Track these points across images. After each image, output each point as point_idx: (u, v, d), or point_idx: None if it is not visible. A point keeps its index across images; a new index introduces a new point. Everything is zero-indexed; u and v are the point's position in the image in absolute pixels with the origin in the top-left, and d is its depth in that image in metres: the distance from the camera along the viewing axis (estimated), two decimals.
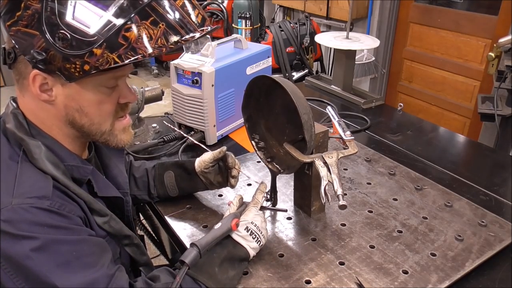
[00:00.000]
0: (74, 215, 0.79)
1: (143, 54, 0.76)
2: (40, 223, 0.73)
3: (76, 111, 0.84)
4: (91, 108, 0.84)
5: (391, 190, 1.30)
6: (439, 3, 3.23)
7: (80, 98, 0.82)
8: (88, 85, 0.81)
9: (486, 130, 2.58)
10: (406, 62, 3.55)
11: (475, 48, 3.02)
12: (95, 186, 0.90)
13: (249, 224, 0.97)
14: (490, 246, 1.07)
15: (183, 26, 0.80)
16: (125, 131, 0.93)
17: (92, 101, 0.84)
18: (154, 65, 5.41)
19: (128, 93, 0.90)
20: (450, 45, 3.17)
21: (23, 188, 0.76)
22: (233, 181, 1.20)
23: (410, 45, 3.49)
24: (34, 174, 0.79)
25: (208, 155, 1.19)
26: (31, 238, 0.72)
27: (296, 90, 0.99)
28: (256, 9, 3.90)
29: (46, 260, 0.72)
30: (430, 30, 3.28)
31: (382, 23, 3.53)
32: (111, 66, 0.75)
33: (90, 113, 0.85)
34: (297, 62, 3.69)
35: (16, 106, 0.86)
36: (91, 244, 0.80)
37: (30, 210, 0.73)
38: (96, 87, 0.83)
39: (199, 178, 1.20)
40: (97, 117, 0.86)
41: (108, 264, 0.80)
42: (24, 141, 0.80)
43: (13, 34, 0.76)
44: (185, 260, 0.85)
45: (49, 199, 0.76)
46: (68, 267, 0.74)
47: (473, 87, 3.09)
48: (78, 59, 0.75)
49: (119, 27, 0.74)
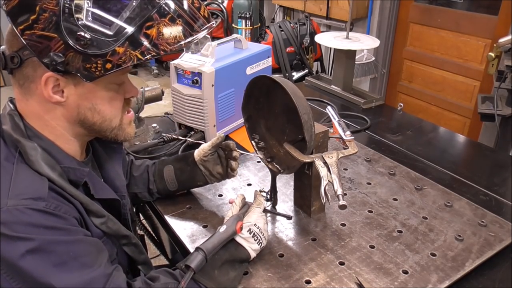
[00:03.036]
0: (70, 216, 0.79)
1: (165, 49, 0.80)
2: (35, 224, 0.73)
3: (89, 109, 0.86)
4: (104, 105, 0.87)
5: (391, 190, 1.30)
6: (439, 3, 3.23)
7: (92, 97, 0.85)
8: (101, 83, 0.84)
9: (486, 130, 2.58)
10: (406, 62, 3.55)
11: (475, 48, 3.01)
12: (91, 188, 0.90)
13: (252, 226, 0.97)
14: (490, 246, 1.07)
15: (195, 21, 0.85)
16: (130, 124, 0.97)
17: (105, 98, 0.87)
18: (154, 65, 5.40)
19: (132, 88, 0.94)
20: (450, 45, 3.17)
21: (19, 190, 0.75)
22: (233, 163, 1.19)
23: (410, 45, 3.49)
24: (29, 176, 0.78)
25: (206, 143, 1.20)
26: (26, 240, 0.71)
27: (296, 90, 0.99)
28: (256, 9, 3.90)
29: (42, 261, 0.72)
30: (430, 30, 3.28)
31: (382, 23, 3.53)
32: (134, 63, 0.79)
33: (103, 110, 0.88)
34: (297, 62, 3.69)
35: (14, 107, 0.86)
36: (88, 245, 0.80)
37: (26, 211, 0.73)
38: (107, 84, 0.86)
39: (198, 168, 1.20)
40: (109, 113, 0.89)
41: (105, 264, 0.80)
42: (20, 142, 0.80)
43: (27, 38, 0.76)
44: (190, 265, 0.85)
45: (45, 200, 0.76)
46: (65, 267, 0.74)
47: (473, 87, 3.09)
48: (100, 58, 0.77)
49: (140, 25, 0.78)
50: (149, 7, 0.79)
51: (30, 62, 0.79)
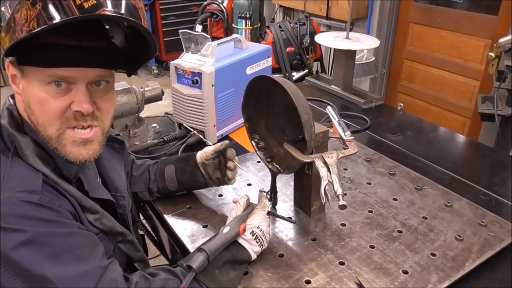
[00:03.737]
0: (64, 209, 0.79)
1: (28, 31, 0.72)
2: (29, 216, 0.73)
3: (28, 106, 0.82)
4: (35, 105, 0.81)
5: (391, 190, 1.30)
6: (439, 3, 3.23)
7: (28, 93, 0.81)
8: (33, 80, 0.79)
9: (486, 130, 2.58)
10: (406, 62, 3.55)
11: (475, 48, 3.01)
12: (85, 185, 0.89)
13: (255, 228, 0.97)
14: (490, 246, 1.07)
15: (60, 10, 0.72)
16: (76, 145, 0.83)
17: (36, 98, 0.80)
18: (154, 65, 5.40)
19: (81, 101, 0.81)
20: (450, 45, 3.17)
21: (13, 182, 0.76)
22: (229, 173, 1.19)
23: (410, 45, 3.49)
24: (24, 169, 0.79)
25: (210, 147, 1.20)
26: (20, 231, 0.71)
27: (296, 90, 0.99)
28: (256, 9, 3.90)
29: (35, 252, 0.72)
30: (430, 30, 3.28)
31: (382, 23, 3.53)
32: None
33: (35, 111, 0.81)
34: (297, 62, 3.69)
35: (13, 102, 0.86)
36: (82, 237, 0.80)
37: (19, 203, 0.73)
38: (40, 84, 0.79)
39: (199, 169, 1.20)
40: (40, 117, 0.81)
41: (100, 257, 0.80)
42: (14, 137, 0.81)
43: None
44: (192, 266, 0.85)
45: (39, 193, 0.76)
46: (59, 259, 0.74)
47: (473, 87, 3.08)
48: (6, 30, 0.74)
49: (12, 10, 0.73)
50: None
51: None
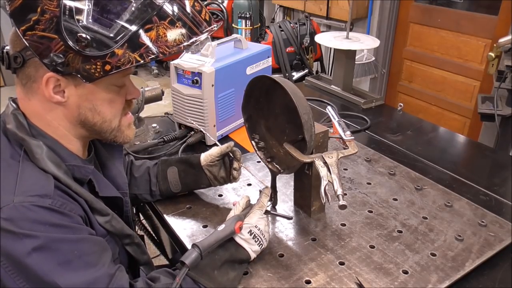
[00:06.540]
0: (75, 214, 0.80)
1: (164, 52, 0.80)
2: (41, 221, 0.73)
3: (89, 110, 0.86)
4: (104, 106, 0.87)
5: (391, 190, 1.30)
6: (439, 3, 3.23)
7: (93, 98, 0.85)
8: (101, 85, 0.85)
9: (486, 130, 2.58)
10: (406, 62, 3.55)
11: (475, 48, 3.01)
12: (96, 186, 0.91)
13: (253, 227, 0.97)
14: (490, 246, 1.07)
15: (195, 25, 0.85)
16: (129, 127, 0.97)
17: (105, 99, 0.87)
18: (154, 65, 5.40)
19: (134, 90, 0.94)
20: (450, 45, 3.17)
21: (25, 187, 0.76)
22: (235, 173, 1.20)
23: (410, 45, 3.49)
24: (35, 173, 0.79)
25: (215, 149, 1.20)
26: (32, 237, 0.72)
27: (296, 90, 0.99)
28: (256, 9, 3.90)
29: (47, 259, 0.73)
30: (430, 30, 3.28)
31: (382, 23, 3.53)
32: (133, 65, 0.79)
33: (103, 112, 0.88)
34: (297, 62, 3.69)
35: (17, 107, 0.86)
36: (92, 243, 0.80)
37: (32, 208, 0.73)
38: (108, 86, 0.86)
39: (204, 172, 1.21)
40: (109, 114, 0.89)
41: (108, 264, 0.81)
42: (25, 141, 0.81)
43: (28, 39, 0.76)
44: (185, 261, 0.85)
45: (51, 197, 0.76)
46: (69, 266, 0.74)
47: (473, 87, 3.09)
48: (99, 59, 0.77)
49: (139, 27, 0.78)
50: (149, 9, 0.79)
51: (32, 62, 0.80)
